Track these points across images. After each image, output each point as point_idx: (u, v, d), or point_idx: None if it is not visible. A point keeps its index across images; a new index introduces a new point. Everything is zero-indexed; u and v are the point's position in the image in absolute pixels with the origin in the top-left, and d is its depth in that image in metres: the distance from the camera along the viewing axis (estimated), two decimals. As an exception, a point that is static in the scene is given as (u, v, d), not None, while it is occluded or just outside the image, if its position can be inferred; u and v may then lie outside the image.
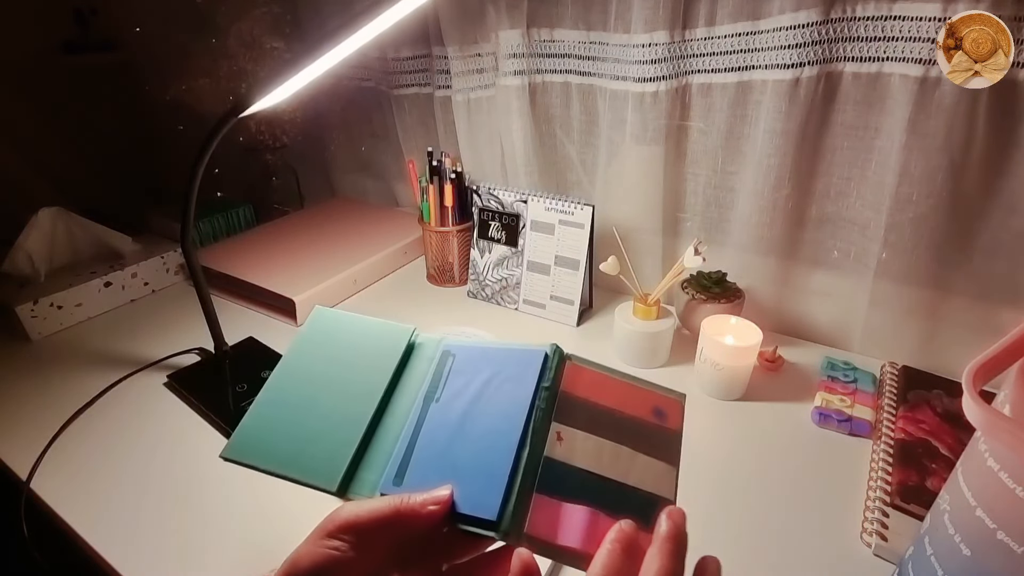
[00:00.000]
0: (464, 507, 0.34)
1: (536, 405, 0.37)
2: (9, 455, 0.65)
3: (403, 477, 0.37)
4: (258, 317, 0.92)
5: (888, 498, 0.55)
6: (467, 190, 0.94)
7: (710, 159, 0.80)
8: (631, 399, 0.40)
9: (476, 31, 0.90)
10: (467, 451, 0.37)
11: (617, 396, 0.40)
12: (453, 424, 0.38)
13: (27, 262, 0.89)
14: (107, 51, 1.12)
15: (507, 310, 0.93)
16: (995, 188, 0.64)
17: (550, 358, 0.39)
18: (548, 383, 0.38)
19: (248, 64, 1.01)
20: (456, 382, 0.41)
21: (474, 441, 0.37)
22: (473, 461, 0.36)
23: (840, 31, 0.66)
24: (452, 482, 0.35)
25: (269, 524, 0.57)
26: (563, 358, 0.40)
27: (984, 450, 0.37)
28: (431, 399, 0.40)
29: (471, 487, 0.35)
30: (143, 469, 0.63)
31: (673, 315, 0.79)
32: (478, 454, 0.36)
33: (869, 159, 0.70)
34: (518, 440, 0.36)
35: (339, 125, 1.22)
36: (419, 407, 0.40)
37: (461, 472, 0.36)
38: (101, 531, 0.56)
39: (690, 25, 0.74)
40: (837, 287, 0.79)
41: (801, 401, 0.71)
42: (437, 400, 0.40)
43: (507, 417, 0.37)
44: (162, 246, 1.01)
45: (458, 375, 0.41)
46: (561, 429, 0.37)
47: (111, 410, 0.72)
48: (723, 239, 0.83)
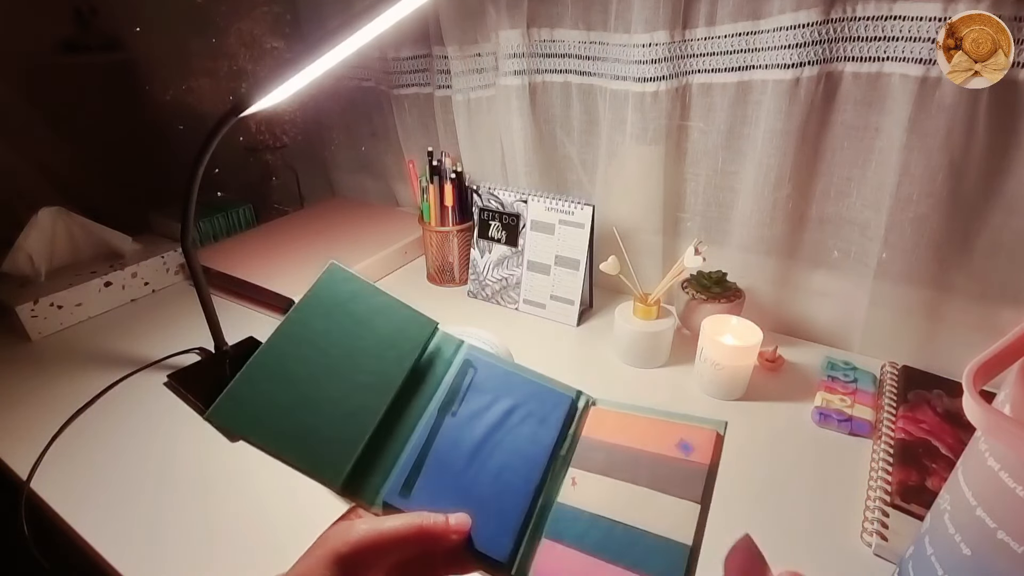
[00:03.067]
0: (476, 542, 0.34)
1: (556, 453, 0.37)
2: (9, 455, 0.65)
3: (411, 490, 0.36)
4: (258, 317, 0.92)
5: (888, 498, 0.55)
6: (467, 190, 0.94)
7: (710, 159, 0.80)
8: (656, 435, 0.38)
9: (476, 31, 0.90)
10: (482, 482, 0.36)
11: (641, 434, 0.38)
12: (469, 447, 0.37)
13: (27, 262, 0.89)
14: (107, 51, 1.12)
15: (507, 310, 0.93)
16: (995, 188, 0.64)
17: (576, 404, 0.39)
18: (572, 430, 0.38)
19: (248, 64, 1.01)
20: (475, 400, 0.40)
21: (490, 474, 0.37)
22: (488, 495, 0.36)
23: (840, 31, 0.66)
24: (468, 511, 0.34)
25: (270, 524, 0.57)
26: (588, 404, 0.40)
27: (984, 450, 0.37)
28: (447, 411, 0.39)
29: (484, 522, 0.34)
30: (143, 469, 0.63)
31: (673, 315, 0.79)
32: (493, 489, 0.36)
33: (869, 159, 0.70)
34: (536, 486, 0.36)
35: (339, 125, 1.22)
36: (433, 416, 0.39)
37: (474, 503, 0.35)
38: (101, 531, 0.56)
39: (690, 25, 0.74)
40: (837, 287, 0.79)
41: (801, 401, 0.71)
42: (453, 414, 0.39)
43: (527, 459, 0.37)
44: (162, 246, 1.01)
45: (478, 393, 0.40)
46: (577, 474, 0.37)
47: (111, 410, 0.72)
48: (723, 239, 0.83)
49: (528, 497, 0.36)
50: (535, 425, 0.38)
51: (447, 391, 0.40)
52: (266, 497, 0.59)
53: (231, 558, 0.54)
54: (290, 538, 0.55)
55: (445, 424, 0.38)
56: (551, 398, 0.40)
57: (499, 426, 0.38)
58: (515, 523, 0.35)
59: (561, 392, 0.40)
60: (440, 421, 0.39)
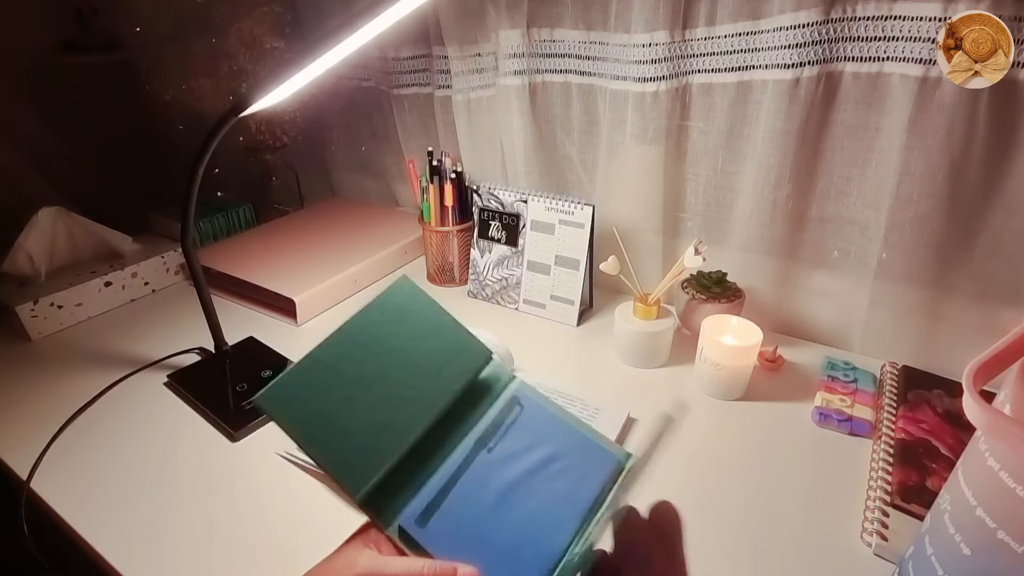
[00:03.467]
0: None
1: (591, 516, 0.35)
2: (9, 455, 0.65)
3: (428, 520, 0.34)
4: (258, 317, 0.92)
5: (888, 498, 0.55)
6: (467, 190, 0.94)
7: (710, 159, 0.80)
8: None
9: (476, 31, 0.90)
10: (504, 528, 0.34)
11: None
12: (498, 489, 0.36)
13: (27, 262, 0.89)
14: (107, 51, 1.12)
15: (507, 310, 0.93)
16: (995, 188, 0.64)
17: (623, 465, 0.37)
18: (614, 492, 0.36)
19: (248, 64, 1.01)
20: (515, 440, 0.38)
21: (515, 521, 0.35)
22: (508, 543, 0.34)
23: (840, 31, 0.66)
24: (480, 561, 0.32)
25: (269, 524, 0.57)
26: (632, 466, 0.38)
27: (984, 450, 0.37)
28: (482, 445, 0.37)
29: (498, 573, 0.33)
30: (143, 469, 0.63)
31: (673, 315, 0.79)
32: (516, 539, 0.34)
33: (869, 159, 0.70)
34: (564, 547, 0.34)
35: (339, 125, 1.22)
36: (467, 449, 0.37)
37: (491, 549, 0.33)
38: (101, 531, 0.56)
39: (690, 25, 0.74)
40: (837, 287, 0.79)
41: (801, 401, 0.71)
42: (489, 450, 0.37)
43: (558, 516, 0.35)
44: (162, 246, 1.01)
45: (520, 433, 0.38)
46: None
47: (111, 410, 0.72)
48: (723, 239, 0.83)
49: (552, 559, 0.33)
50: (575, 480, 0.36)
51: (487, 425, 0.38)
52: (266, 497, 0.59)
53: (231, 558, 0.54)
54: (290, 538, 0.55)
55: (478, 459, 0.37)
56: (597, 455, 0.38)
57: (535, 473, 0.36)
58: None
59: (609, 450, 0.38)
60: (474, 455, 0.37)
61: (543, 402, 0.41)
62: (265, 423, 0.68)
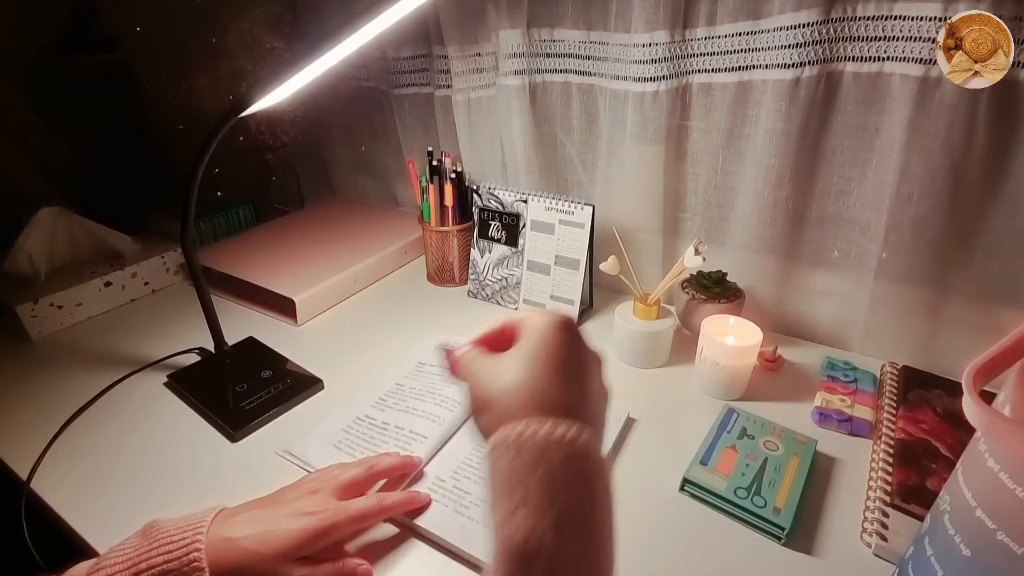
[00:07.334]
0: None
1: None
2: (9, 455, 0.65)
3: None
4: (258, 317, 0.92)
5: (888, 498, 0.55)
6: (467, 190, 0.94)
7: (710, 159, 0.80)
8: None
9: (476, 31, 0.90)
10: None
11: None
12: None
13: (27, 262, 0.89)
14: (107, 51, 1.12)
15: (507, 310, 0.93)
16: (995, 188, 0.64)
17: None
18: None
19: (248, 64, 1.01)
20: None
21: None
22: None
23: (840, 31, 0.65)
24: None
25: (269, 524, 0.57)
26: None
27: (984, 450, 0.37)
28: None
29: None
30: (143, 469, 0.63)
31: (673, 315, 0.79)
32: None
33: (869, 159, 0.70)
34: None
35: (339, 125, 1.22)
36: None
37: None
38: (101, 531, 0.56)
39: (690, 25, 0.74)
40: (837, 287, 0.79)
41: (801, 401, 0.70)
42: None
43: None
44: (162, 246, 1.01)
45: None
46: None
47: (111, 410, 0.72)
48: (723, 239, 0.83)
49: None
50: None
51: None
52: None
53: (231, 558, 0.54)
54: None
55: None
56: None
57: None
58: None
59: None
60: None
61: None
62: (265, 423, 0.68)
